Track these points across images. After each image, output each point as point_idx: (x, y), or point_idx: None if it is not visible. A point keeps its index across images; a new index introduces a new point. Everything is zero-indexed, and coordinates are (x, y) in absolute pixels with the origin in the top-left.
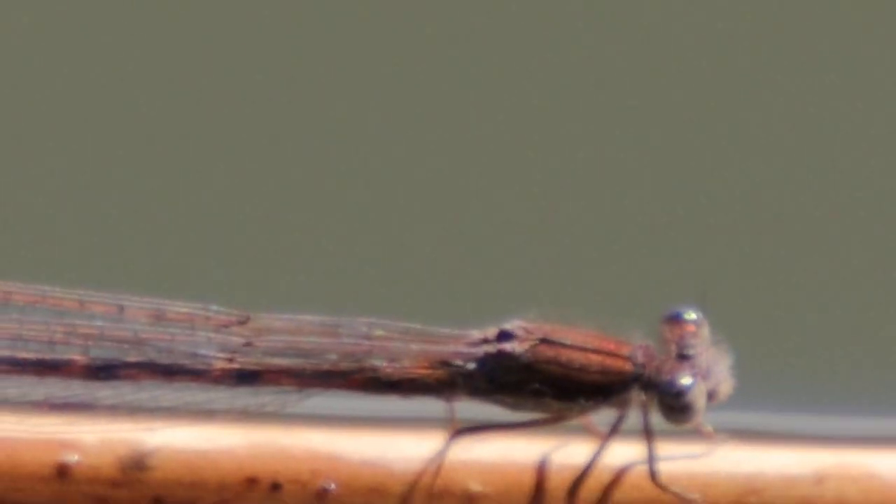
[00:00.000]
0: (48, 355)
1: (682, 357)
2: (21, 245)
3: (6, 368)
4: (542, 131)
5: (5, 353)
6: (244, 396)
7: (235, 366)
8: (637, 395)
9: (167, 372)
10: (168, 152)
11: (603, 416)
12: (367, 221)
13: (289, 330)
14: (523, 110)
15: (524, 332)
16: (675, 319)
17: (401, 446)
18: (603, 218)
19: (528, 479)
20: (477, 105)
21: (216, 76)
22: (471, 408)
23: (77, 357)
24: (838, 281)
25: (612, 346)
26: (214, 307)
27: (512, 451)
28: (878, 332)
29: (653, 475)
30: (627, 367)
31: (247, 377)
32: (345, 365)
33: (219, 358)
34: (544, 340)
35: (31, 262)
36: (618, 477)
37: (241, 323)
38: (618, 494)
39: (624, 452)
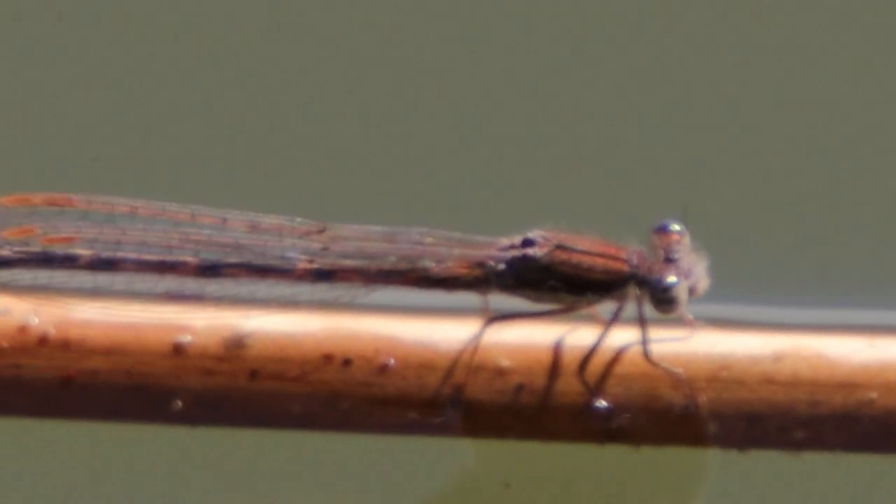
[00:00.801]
0: (167, 257)
1: (669, 260)
2: (140, 167)
3: (134, 267)
4: (545, 53)
5: (133, 255)
6: (322, 291)
7: (315, 266)
8: (632, 291)
9: (261, 271)
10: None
11: (606, 307)
12: (419, 147)
13: (358, 237)
14: (527, 30)
15: (543, 239)
16: (663, 230)
17: (446, 331)
18: (608, 144)
19: (547, 357)
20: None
21: None
22: (501, 300)
23: (189, 259)
24: (794, 188)
25: (612, 251)
26: (298, 219)
27: (534, 334)
28: (824, 235)
29: (646, 354)
30: (625, 268)
31: (324, 275)
32: (402, 265)
33: (301, 260)
34: (559, 246)
35: (152, 183)
36: (618, 355)
37: (320, 232)
38: (618, 369)
39: (622, 336)
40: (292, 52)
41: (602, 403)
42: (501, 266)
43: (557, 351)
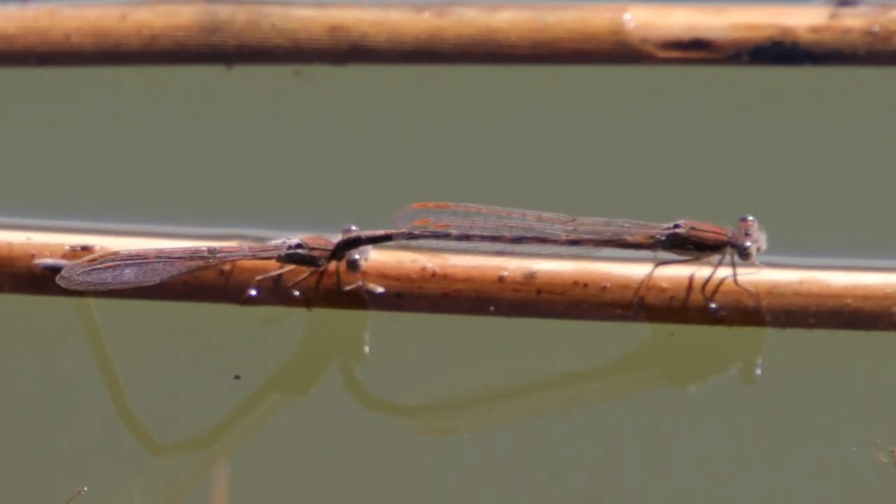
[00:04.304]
0: (495, 233)
1: (746, 234)
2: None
3: (479, 239)
4: None
5: (478, 233)
6: (574, 251)
7: (570, 237)
8: (729, 250)
9: (541, 239)
10: None
11: (715, 258)
12: None
13: (590, 223)
14: None
15: (684, 223)
16: (743, 219)
17: (638, 269)
18: None
19: (685, 282)
20: None
21: None
22: (663, 255)
23: (507, 234)
24: None
25: (717, 229)
26: (561, 214)
27: (679, 270)
28: None
29: (735, 279)
30: (724, 238)
31: (574, 242)
32: (614, 237)
33: (562, 234)
34: (692, 227)
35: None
36: (721, 280)
37: (572, 220)
38: (721, 287)
39: (723, 271)
40: None
41: (713, 305)
42: (663, 237)
43: (691, 279)
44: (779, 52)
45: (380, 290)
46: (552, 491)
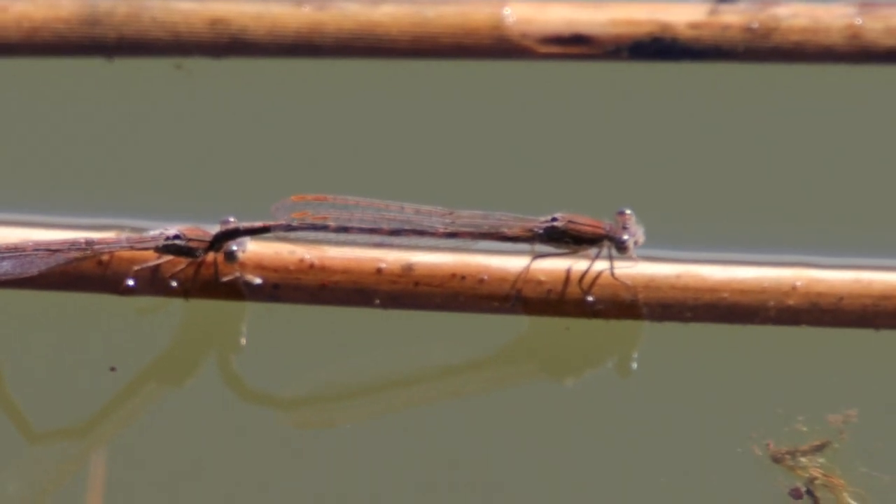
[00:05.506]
0: (373, 226)
1: (624, 227)
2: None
3: (357, 231)
4: None
5: (357, 225)
6: (451, 244)
7: (448, 230)
8: (606, 243)
9: (420, 232)
10: None
11: (592, 251)
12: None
13: (468, 216)
14: None
15: (561, 216)
16: (620, 212)
17: (514, 261)
18: None
19: (563, 274)
20: None
21: None
22: (540, 248)
23: (385, 226)
24: None
25: (595, 223)
26: (438, 206)
27: (557, 263)
28: None
29: (612, 273)
30: (602, 231)
31: (452, 235)
32: (491, 230)
33: (440, 226)
34: (570, 220)
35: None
36: (598, 274)
37: (450, 213)
38: (598, 280)
39: (600, 265)
40: None
41: (590, 298)
42: (541, 230)
43: (568, 272)
44: (658, 47)
45: (257, 281)
46: (430, 481)
